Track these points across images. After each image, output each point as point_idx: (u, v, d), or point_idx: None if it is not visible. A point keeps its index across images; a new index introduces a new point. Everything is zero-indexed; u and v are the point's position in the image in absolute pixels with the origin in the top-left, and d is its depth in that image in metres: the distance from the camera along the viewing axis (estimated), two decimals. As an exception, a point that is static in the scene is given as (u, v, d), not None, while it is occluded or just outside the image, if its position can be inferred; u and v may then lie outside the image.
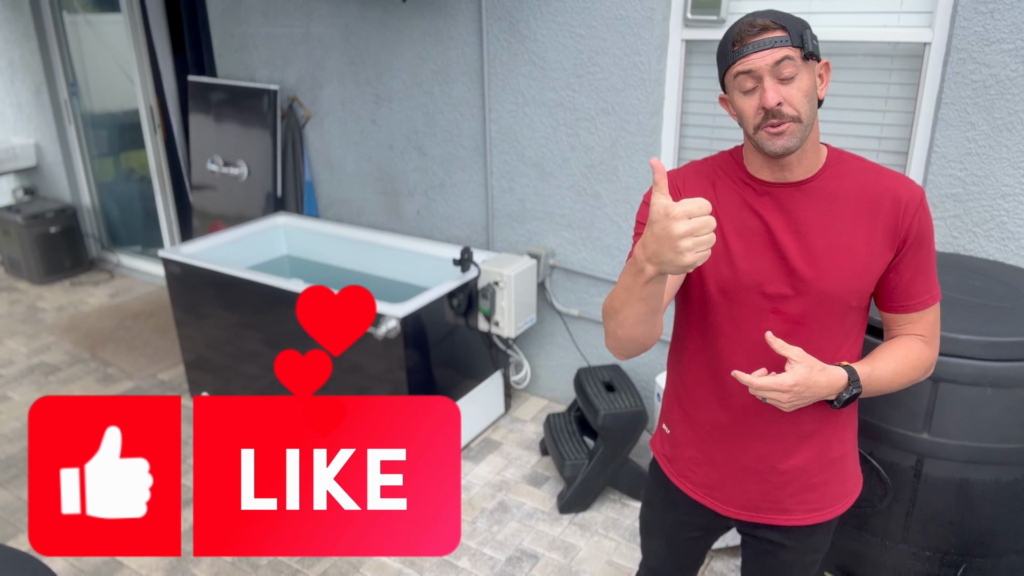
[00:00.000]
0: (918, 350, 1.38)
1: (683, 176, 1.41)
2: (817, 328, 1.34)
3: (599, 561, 2.60)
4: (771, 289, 1.33)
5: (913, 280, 1.34)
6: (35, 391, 3.81)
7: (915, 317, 1.38)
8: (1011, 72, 2.21)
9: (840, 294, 1.31)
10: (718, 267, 1.35)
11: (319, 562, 2.61)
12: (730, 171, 1.38)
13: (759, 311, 1.34)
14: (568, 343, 3.42)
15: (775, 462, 1.42)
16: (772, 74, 1.21)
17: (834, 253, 1.30)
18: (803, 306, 1.32)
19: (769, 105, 1.21)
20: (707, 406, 1.45)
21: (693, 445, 1.50)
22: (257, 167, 4.03)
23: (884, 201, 1.30)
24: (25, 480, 3.10)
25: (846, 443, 1.47)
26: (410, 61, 3.43)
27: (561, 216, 3.23)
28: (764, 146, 1.26)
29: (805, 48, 1.22)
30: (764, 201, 1.34)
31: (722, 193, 1.37)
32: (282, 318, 3.04)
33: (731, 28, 1.26)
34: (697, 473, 1.51)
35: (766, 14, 1.24)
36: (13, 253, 5.25)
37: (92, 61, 5.00)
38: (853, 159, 1.35)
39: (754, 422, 1.41)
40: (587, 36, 2.91)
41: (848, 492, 1.50)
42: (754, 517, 1.49)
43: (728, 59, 1.26)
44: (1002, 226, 2.33)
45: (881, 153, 2.59)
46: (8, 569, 1.50)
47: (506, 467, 3.12)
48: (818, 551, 1.54)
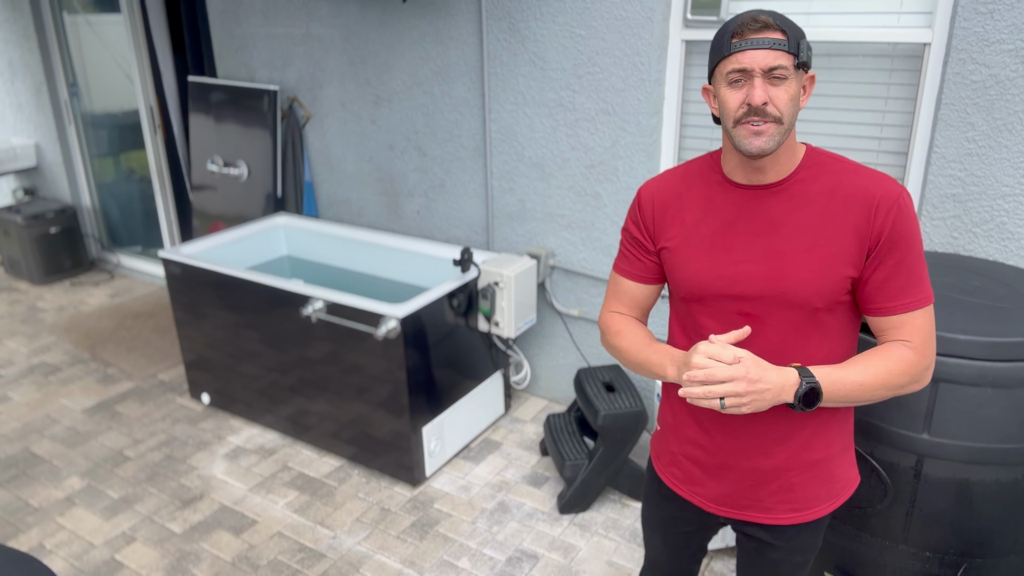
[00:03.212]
0: (898, 356, 1.32)
1: (653, 191, 1.47)
2: (783, 330, 1.34)
3: (599, 561, 2.60)
4: (734, 291, 1.35)
5: (888, 282, 1.31)
6: (35, 391, 3.81)
7: (897, 321, 1.34)
8: (1011, 72, 2.21)
9: (802, 296, 1.31)
10: (688, 269, 1.39)
11: (319, 562, 2.61)
12: (706, 173, 1.41)
13: (726, 312, 1.37)
14: (568, 343, 3.42)
15: (753, 460, 1.44)
16: (764, 75, 1.23)
17: (799, 254, 1.31)
18: (766, 308, 1.34)
19: (755, 103, 1.22)
20: (688, 404, 1.49)
21: (678, 442, 1.54)
22: (257, 167, 4.04)
23: (856, 200, 1.29)
24: (25, 480, 3.10)
25: (831, 446, 1.45)
26: (410, 61, 3.44)
27: (561, 216, 3.23)
28: (740, 144, 1.27)
29: (800, 57, 1.24)
30: (735, 203, 1.36)
31: (694, 197, 1.40)
32: (282, 318, 3.04)
33: (731, 20, 1.27)
34: (682, 469, 1.54)
35: (769, 13, 1.25)
36: (13, 253, 5.25)
37: (92, 61, 5.00)
38: (832, 159, 1.35)
39: (732, 420, 1.42)
40: (587, 36, 2.91)
41: (834, 494, 1.49)
42: (736, 514, 1.50)
43: (724, 50, 1.26)
44: (1002, 226, 2.33)
45: (881, 153, 2.59)
46: (8, 569, 1.50)
47: (506, 467, 3.12)
48: (807, 551, 1.54)
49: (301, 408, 3.20)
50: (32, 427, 3.49)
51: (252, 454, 3.23)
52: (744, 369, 1.24)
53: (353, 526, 2.80)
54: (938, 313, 1.90)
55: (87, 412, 3.61)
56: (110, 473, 3.13)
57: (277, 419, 3.33)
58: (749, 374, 1.24)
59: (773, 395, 1.26)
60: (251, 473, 3.10)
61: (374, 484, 3.03)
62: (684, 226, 1.40)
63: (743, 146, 1.26)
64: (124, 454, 3.26)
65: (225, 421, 3.49)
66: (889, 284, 1.31)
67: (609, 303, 1.57)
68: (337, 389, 3.02)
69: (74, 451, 3.30)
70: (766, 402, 1.26)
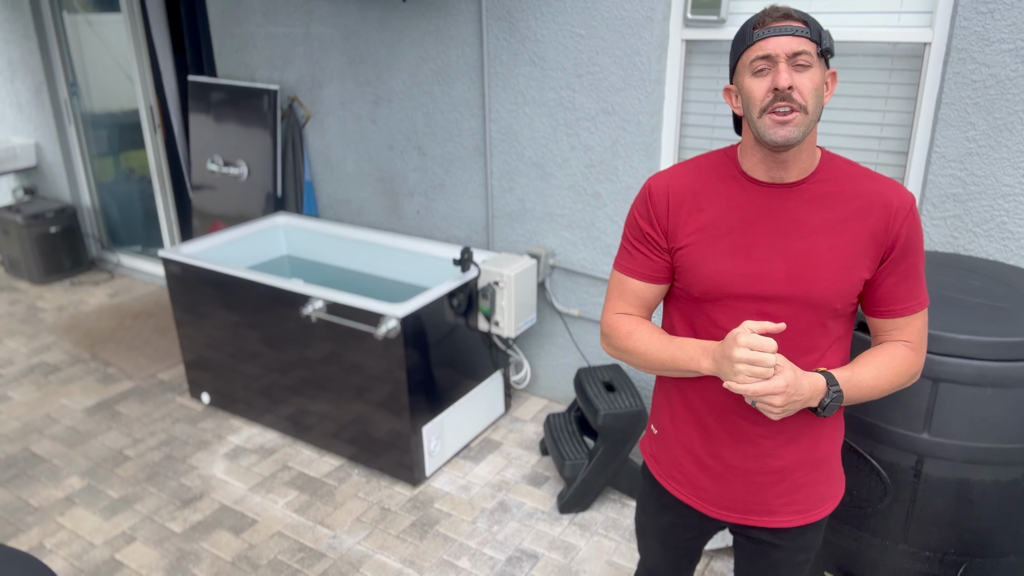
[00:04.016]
0: (902, 356, 1.37)
1: (665, 186, 1.40)
2: (801, 330, 1.34)
3: (599, 561, 2.60)
4: (755, 290, 1.33)
5: (899, 286, 1.35)
6: (35, 391, 3.81)
7: (901, 323, 1.38)
8: (1011, 72, 2.21)
9: (824, 297, 1.31)
10: (707, 268, 1.35)
11: (319, 561, 2.61)
12: (722, 169, 1.38)
13: (743, 312, 1.35)
14: (568, 343, 3.42)
15: (761, 463, 1.42)
16: (788, 60, 1.23)
17: (820, 255, 1.30)
18: (787, 308, 1.33)
19: (781, 86, 1.21)
20: (694, 406, 1.46)
21: (680, 445, 1.50)
22: (257, 167, 4.04)
23: (874, 206, 1.31)
24: (25, 480, 3.10)
25: (834, 442, 1.48)
26: (410, 61, 3.44)
27: (561, 216, 3.23)
28: (765, 135, 1.25)
29: (822, 44, 1.25)
30: (755, 201, 1.34)
31: (710, 194, 1.37)
32: (282, 318, 3.04)
33: (751, 17, 1.29)
34: (684, 474, 1.51)
35: (787, 7, 1.28)
36: (13, 253, 5.25)
37: (92, 61, 5.00)
38: (845, 163, 1.36)
39: (740, 423, 1.41)
40: (587, 36, 2.91)
41: (834, 493, 1.51)
42: (741, 519, 1.49)
43: (747, 40, 1.26)
44: (1002, 226, 2.33)
45: (881, 153, 2.59)
46: (8, 569, 1.50)
47: (506, 467, 3.12)
48: (809, 550, 1.55)
49: (301, 408, 3.20)
50: (32, 427, 3.49)
51: (252, 454, 3.23)
52: (784, 381, 1.23)
53: (353, 526, 2.80)
54: (938, 313, 1.90)
55: (87, 412, 3.61)
56: (110, 473, 3.13)
57: (277, 419, 3.33)
58: (788, 387, 1.24)
59: (803, 403, 1.28)
60: (251, 473, 3.10)
61: (374, 484, 3.03)
62: (700, 223, 1.36)
63: (768, 136, 1.24)
64: (124, 454, 3.26)
65: (225, 421, 3.49)
66: (899, 288, 1.35)
67: (614, 304, 1.48)
68: (337, 389, 3.02)
69: (74, 451, 3.30)
70: (795, 410, 1.29)
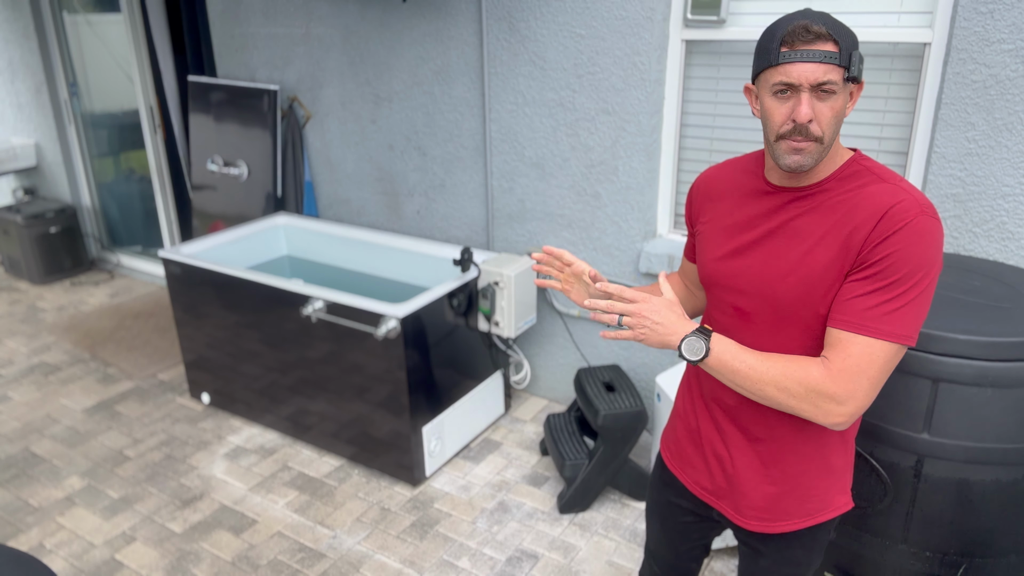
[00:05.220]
0: (803, 365, 1.23)
1: (705, 177, 1.53)
2: (768, 331, 1.35)
3: (599, 561, 2.60)
4: (732, 284, 1.39)
5: (858, 301, 1.21)
6: (35, 391, 3.81)
7: (833, 337, 1.23)
8: (1011, 72, 2.21)
9: (789, 302, 1.30)
10: (704, 257, 1.45)
11: (319, 562, 2.61)
12: (751, 168, 1.43)
13: (724, 303, 1.42)
14: (568, 343, 3.42)
15: (729, 452, 1.47)
16: (811, 89, 1.19)
17: (798, 260, 1.29)
18: (755, 306, 1.36)
19: (801, 120, 1.19)
20: (689, 386, 1.57)
21: (679, 418, 1.61)
22: (257, 167, 4.04)
23: (862, 209, 1.23)
24: (25, 480, 3.10)
25: (810, 461, 1.41)
26: (410, 61, 3.44)
27: (561, 216, 3.23)
28: (779, 159, 1.26)
29: (850, 71, 1.19)
30: (761, 201, 1.37)
31: (732, 189, 1.44)
32: (282, 318, 3.04)
33: (781, 24, 1.21)
34: (680, 448, 1.60)
35: (822, 19, 1.19)
36: (13, 253, 5.25)
37: (92, 61, 5.00)
38: (869, 169, 1.29)
39: (716, 409, 1.48)
40: (587, 36, 2.91)
41: (809, 513, 1.45)
42: (713, 502, 1.54)
43: (771, 59, 1.21)
44: (1002, 226, 2.33)
45: (881, 153, 2.59)
46: (8, 569, 1.50)
47: (506, 467, 3.12)
48: (795, 565, 1.51)
49: (301, 408, 3.20)
50: (32, 427, 3.49)
51: (252, 454, 3.23)
52: (639, 297, 1.31)
53: (353, 526, 2.80)
54: (938, 313, 1.89)
55: (87, 412, 3.61)
56: (110, 473, 3.13)
57: (277, 419, 3.33)
58: (643, 305, 1.30)
59: (662, 333, 1.30)
60: (251, 473, 3.10)
61: (374, 484, 3.03)
62: (713, 215, 1.45)
63: (781, 161, 1.25)
64: (124, 454, 3.26)
65: (225, 421, 3.49)
66: (857, 303, 1.21)
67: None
68: (337, 389, 3.02)
69: (74, 451, 3.30)
70: (657, 335, 1.30)
